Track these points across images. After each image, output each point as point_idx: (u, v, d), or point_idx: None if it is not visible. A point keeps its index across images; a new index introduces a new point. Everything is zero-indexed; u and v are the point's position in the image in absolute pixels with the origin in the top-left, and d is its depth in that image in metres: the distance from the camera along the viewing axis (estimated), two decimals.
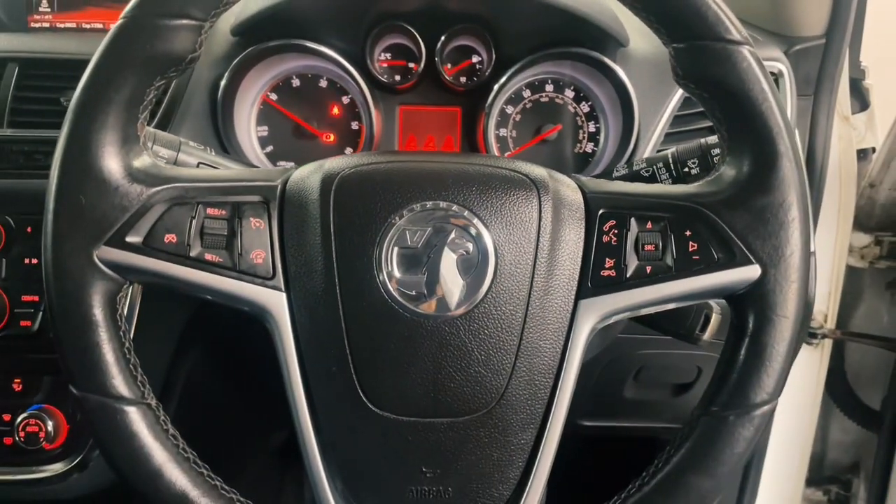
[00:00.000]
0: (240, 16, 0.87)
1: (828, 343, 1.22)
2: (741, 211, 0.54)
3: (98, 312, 0.53)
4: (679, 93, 0.91)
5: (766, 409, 0.54)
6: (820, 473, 1.44)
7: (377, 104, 0.93)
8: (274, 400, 0.57)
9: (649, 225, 0.56)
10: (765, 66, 0.54)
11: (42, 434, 0.81)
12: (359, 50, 0.91)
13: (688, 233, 0.55)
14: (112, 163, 0.53)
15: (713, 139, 0.71)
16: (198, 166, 0.68)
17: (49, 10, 1.05)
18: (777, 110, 0.54)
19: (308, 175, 0.58)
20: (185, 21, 0.53)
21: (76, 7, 1.05)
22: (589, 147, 0.97)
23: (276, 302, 0.55)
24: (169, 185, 0.54)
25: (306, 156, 0.96)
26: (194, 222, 0.55)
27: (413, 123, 0.97)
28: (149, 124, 0.74)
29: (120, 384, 0.53)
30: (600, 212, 0.57)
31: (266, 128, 0.95)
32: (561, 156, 0.97)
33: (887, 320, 1.31)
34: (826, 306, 1.19)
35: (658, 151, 0.91)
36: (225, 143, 0.90)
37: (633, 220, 0.56)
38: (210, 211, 0.55)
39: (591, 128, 0.96)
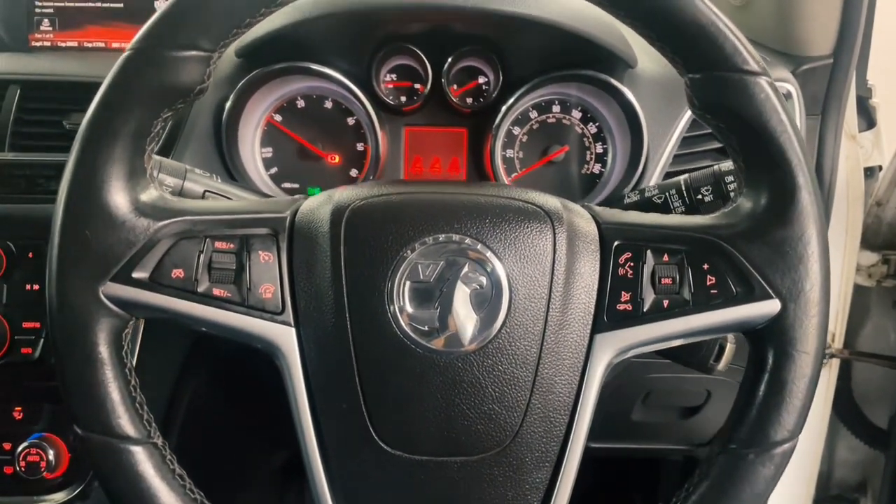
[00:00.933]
0: (245, 38, 0.86)
1: (835, 362, 1.21)
2: (759, 244, 0.53)
3: (103, 350, 0.51)
4: (688, 114, 0.91)
5: (787, 447, 0.53)
6: (827, 492, 1.43)
7: (383, 125, 0.92)
8: (275, 419, 0.56)
9: (666, 257, 0.55)
10: (782, 97, 0.53)
11: (43, 463, 0.79)
12: (364, 71, 0.90)
13: (705, 266, 0.54)
14: (119, 197, 0.52)
15: (726, 166, 0.70)
16: (204, 194, 0.67)
17: (50, 28, 1.04)
18: (796, 142, 0.53)
19: (317, 206, 0.57)
20: (193, 52, 0.52)
21: (78, 26, 1.04)
22: (596, 168, 0.96)
23: (285, 337, 0.54)
24: (176, 219, 0.53)
25: (311, 177, 0.95)
26: (202, 256, 0.53)
27: (419, 144, 0.96)
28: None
29: (125, 423, 0.51)
30: (615, 243, 0.56)
31: (270, 149, 0.94)
32: (568, 177, 0.96)
33: (894, 339, 1.30)
34: (833, 325, 1.18)
35: (666, 173, 0.91)
36: (229, 165, 0.89)
37: (649, 252, 0.55)
38: (218, 244, 0.54)
39: (599, 149, 0.95)
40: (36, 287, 0.81)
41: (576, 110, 0.95)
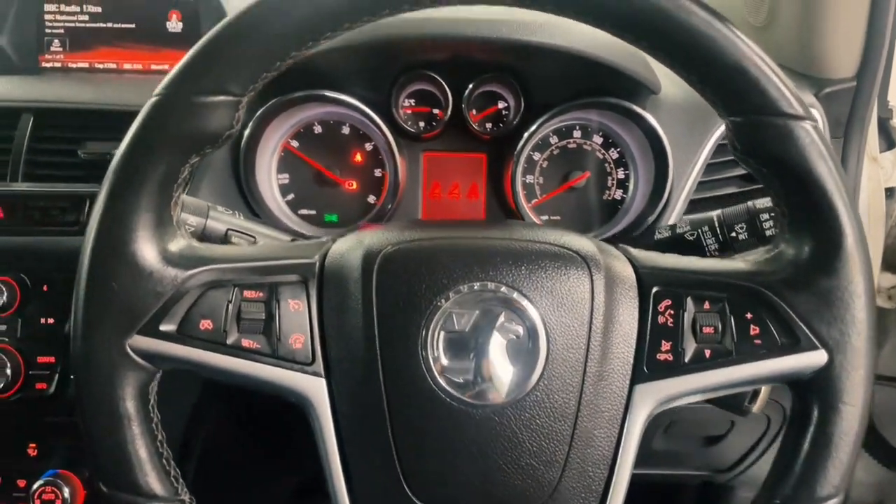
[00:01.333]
0: None
1: None
2: (805, 293, 0.52)
3: (130, 405, 0.50)
4: (712, 140, 0.89)
5: (833, 503, 0.51)
6: None
7: (401, 151, 0.90)
8: (288, 443, 0.54)
9: (707, 305, 0.54)
10: (828, 142, 0.52)
11: (59, 501, 0.78)
12: (383, 98, 0.89)
13: (748, 315, 0.53)
14: (146, 247, 0.50)
15: (761, 203, 0.69)
16: (227, 233, 0.66)
17: (61, 49, 1.02)
18: (842, 188, 0.51)
19: (347, 251, 0.56)
20: (222, 98, 0.50)
21: (88, 47, 1.02)
22: (618, 194, 0.94)
23: (315, 389, 0.53)
24: (204, 268, 0.52)
25: (328, 204, 0.94)
26: (230, 306, 0.52)
27: (437, 170, 0.95)
28: None
29: (153, 481, 0.50)
30: (654, 290, 0.54)
31: (287, 175, 0.93)
32: (589, 203, 0.94)
33: None
34: None
35: (691, 200, 0.89)
36: (246, 191, 0.88)
37: (689, 299, 0.54)
38: (247, 293, 0.53)
39: (620, 174, 0.94)
40: (51, 321, 0.79)
41: (597, 135, 0.94)
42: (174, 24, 1.02)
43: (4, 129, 0.82)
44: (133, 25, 1.02)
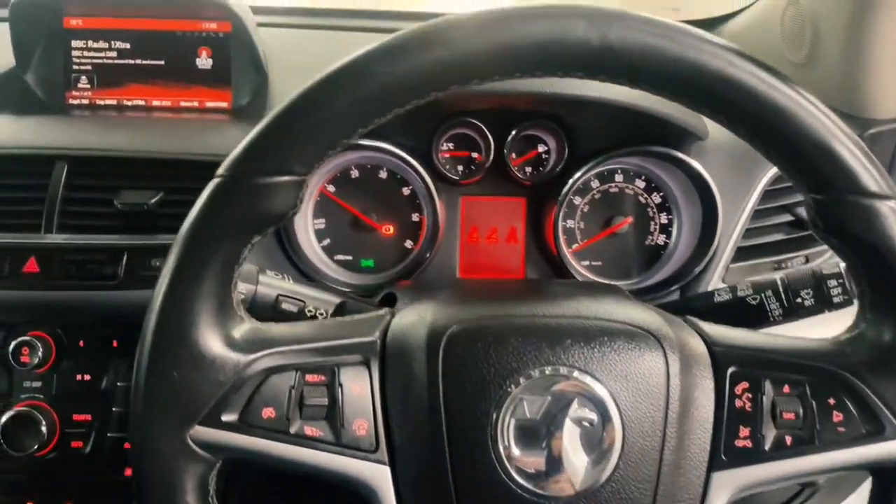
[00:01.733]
0: None
1: None
2: (889, 378, 0.50)
3: (191, 499, 0.48)
4: (760, 186, 0.87)
5: None
6: None
7: (440, 195, 0.89)
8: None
9: (786, 388, 0.52)
10: None
11: None
12: (422, 144, 0.87)
13: (831, 400, 0.51)
14: (208, 333, 0.48)
15: (828, 268, 0.66)
16: (277, 299, 0.64)
17: (88, 86, 1.01)
18: None
19: (409, 328, 0.53)
20: (286, 178, 0.48)
21: (117, 84, 1.00)
22: (661, 239, 0.92)
23: (379, 477, 0.50)
24: (265, 353, 0.50)
25: (365, 249, 0.92)
26: (293, 392, 0.50)
27: (476, 214, 0.93)
28: None
29: None
30: (730, 370, 0.52)
31: (323, 220, 0.91)
32: (630, 248, 0.93)
33: None
34: None
35: (738, 250, 0.87)
36: (283, 237, 0.86)
37: (767, 382, 0.52)
38: (309, 377, 0.51)
39: (664, 219, 0.92)
40: (87, 377, 0.77)
41: (639, 179, 0.92)
42: (204, 61, 1.00)
43: (38, 177, 0.80)
44: (162, 62, 1.00)
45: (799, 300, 0.65)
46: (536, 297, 0.57)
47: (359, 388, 0.51)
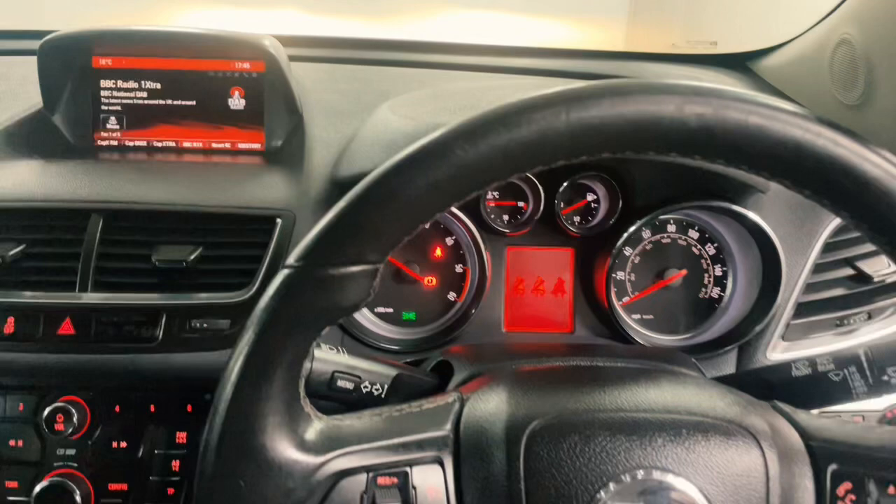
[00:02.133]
0: (349, 169, 0.79)
1: None
2: None
3: None
4: (822, 239, 0.84)
5: None
6: None
7: (485, 246, 0.85)
8: None
9: (892, 490, 0.48)
10: None
11: None
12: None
13: None
14: (276, 437, 0.45)
15: None
16: (332, 376, 0.60)
17: (117, 127, 0.97)
18: None
19: (485, 420, 0.50)
20: (360, 268, 0.45)
21: (146, 125, 0.97)
22: (715, 292, 0.89)
23: None
24: (335, 454, 0.46)
25: (406, 301, 0.88)
26: (365, 497, 0.46)
27: (521, 265, 0.89)
28: None
29: None
30: (831, 469, 0.49)
31: None
32: (683, 301, 0.89)
33: None
34: None
35: (799, 304, 0.84)
36: None
37: (872, 483, 0.48)
38: (381, 480, 0.47)
39: (718, 271, 0.88)
40: (123, 445, 0.73)
41: (692, 230, 0.88)
42: (236, 101, 0.97)
43: (73, 231, 0.76)
44: (193, 102, 0.97)
45: (885, 377, 0.62)
46: (616, 384, 0.53)
47: (433, 491, 0.47)
